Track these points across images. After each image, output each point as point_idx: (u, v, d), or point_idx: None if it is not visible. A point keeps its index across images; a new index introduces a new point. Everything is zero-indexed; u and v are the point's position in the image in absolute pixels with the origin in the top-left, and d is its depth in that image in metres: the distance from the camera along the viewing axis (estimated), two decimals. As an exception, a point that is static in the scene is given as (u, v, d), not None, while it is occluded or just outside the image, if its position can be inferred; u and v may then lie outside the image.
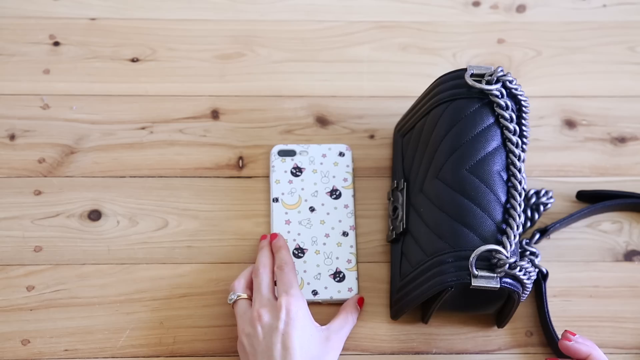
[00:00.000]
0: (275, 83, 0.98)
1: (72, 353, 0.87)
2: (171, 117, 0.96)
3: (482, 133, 0.82)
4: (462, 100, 0.83)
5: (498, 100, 0.82)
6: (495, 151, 0.82)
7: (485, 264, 0.78)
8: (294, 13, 1.02)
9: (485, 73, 0.83)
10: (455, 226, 0.80)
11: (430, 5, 1.03)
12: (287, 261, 0.85)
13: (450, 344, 0.88)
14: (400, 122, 0.93)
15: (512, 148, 0.82)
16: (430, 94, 0.86)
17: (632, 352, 0.88)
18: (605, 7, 1.03)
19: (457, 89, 0.84)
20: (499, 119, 0.83)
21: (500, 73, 0.82)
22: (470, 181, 0.81)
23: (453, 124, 0.83)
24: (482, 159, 0.81)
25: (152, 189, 0.93)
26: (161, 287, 0.89)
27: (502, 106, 0.83)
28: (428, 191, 0.83)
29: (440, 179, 0.82)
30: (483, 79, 0.83)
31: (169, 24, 1.01)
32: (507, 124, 0.82)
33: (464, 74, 0.84)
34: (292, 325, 0.79)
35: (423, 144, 0.86)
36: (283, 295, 0.81)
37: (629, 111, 0.98)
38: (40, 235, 0.91)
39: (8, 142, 0.94)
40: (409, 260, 0.85)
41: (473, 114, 0.83)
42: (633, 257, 0.92)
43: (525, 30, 1.01)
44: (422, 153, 0.86)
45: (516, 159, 0.82)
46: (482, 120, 0.82)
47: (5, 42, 0.99)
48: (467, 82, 0.83)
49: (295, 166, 0.93)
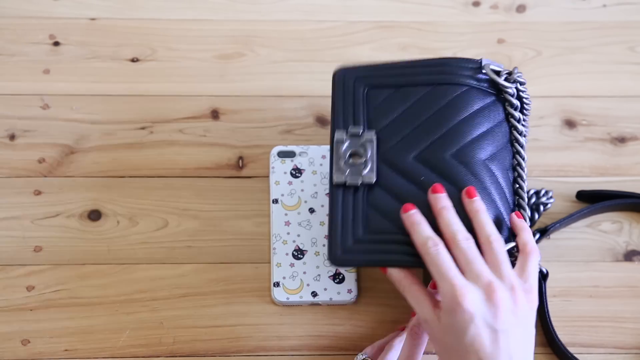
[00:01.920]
0: (275, 83, 0.98)
1: (72, 353, 0.87)
2: (171, 117, 0.96)
3: (495, 129, 0.82)
4: (475, 90, 0.83)
5: (511, 99, 0.83)
6: (504, 149, 0.82)
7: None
8: (294, 13, 1.02)
9: (500, 70, 0.83)
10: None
11: (430, 5, 1.03)
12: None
13: (450, 344, 0.88)
14: (360, 70, 0.86)
15: (519, 149, 0.82)
16: (435, 68, 0.85)
17: (632, 352, 0.88)
18: (605, 7, 1.03)
19: (467, 77, 0.83)
20: (509, 117, 0.83)
21: (519, 74, 0.83)
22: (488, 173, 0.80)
23: (467, 112, 0.82)
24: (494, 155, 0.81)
25: (152, 189, 0.93)
26: (161, 287, 0.89)
27: (513, 105, 0.83)
28: (434, 163, 0.81)
29: (457, 159, 0.80)
30: (499, 76, 0.83)
31: (169, 24, 1.01)
32: (515, 124, 0.83)
33: (480, 64, 0.83)
34: None
35: (417, 113, 0.83)
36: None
37: (629, 111, 0.98)
38: (40, 235, 0.91)
39: (8, 142, 0.95)
40: (387, 218, 0.80)
41: (488, 108, 0.82)
42: (633, 257, 0.92)
43: (525, 30, 1.01)
44: (416, 121, 0.83)
45: (522, 161, 0.82)
46: (495, 116, 0.82)
47: (5, 42, 0.99)
48: (482, 73, 0.83)
49: (295, 167, 0.93)
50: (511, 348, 0.71)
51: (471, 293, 0.71)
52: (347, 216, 0.80)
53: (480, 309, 0.70)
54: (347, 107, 0.84)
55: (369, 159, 0.82)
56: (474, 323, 0.70)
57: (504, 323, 0.71)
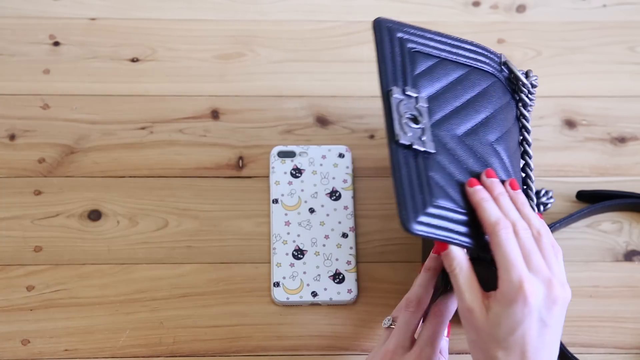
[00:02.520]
0: (275, 83, 0.98)
1: (72, 353, 0.87)
2: (171, 117, 0.96)
3: (512, 128, 0.82)
4: (500, 84, 0.83)
5: (526, 99, 0.83)
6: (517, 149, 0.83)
7: None
8: (294, 13, 1.02)
9: (515, 71, 0.83)
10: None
11: (430, 5, 1.03)
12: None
13: (450, 344, 0.87)
14: (406, 29, 0.83)
15: (527, 149, 0.83)
16: (474, 51, 0.83)
17: (632, 352, 0.88)
18: (605, 7, 1.03)
19: (496, 70, 0.83)
20: (520, 117, 0.83)
21: (535, 77, 0.83)
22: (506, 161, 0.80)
23: (497, 105, 0.82)
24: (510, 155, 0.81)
25: (152, 189, 0.93)
26: (161, 287, 0.89)
27: (527, 106, 0.83)
28: (477, 149, 0.79)
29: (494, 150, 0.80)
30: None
31: (169, 24, 1.01)
32: (525, 124, 0.83)
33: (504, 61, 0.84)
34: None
35: (458, 93, 0.81)
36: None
37: (629, 111, 0.98)
38: (40, 235, 0.91)
39: (8, 142, 0.95)
40: (445, 192, 0.75)
41: (509, 104, 0.83)
42: (633, 257, 0.92)
43: (525, 30, 1.01)
44: (457, 101, 0.81)
45: (530, 160, 0.82)
46: (512, 114, 0.83)
47: (5, 42, 0.99)
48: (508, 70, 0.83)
49: (295, 167, 0.93)
50: (553, 343, 0.71)
51: (536, 287, 0.69)
52: (412, 182, 0.74)
53: (540, 304, 0.69)
54: (396, 64, 0.81)
55: (426, 126, 0.78)
56: (531, 316, 0.69)
57: (554, 319, 0.70)
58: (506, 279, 0.69)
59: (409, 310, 0.77)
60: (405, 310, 0.77)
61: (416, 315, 0.77)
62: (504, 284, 0.70)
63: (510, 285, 0.69)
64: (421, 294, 0.78)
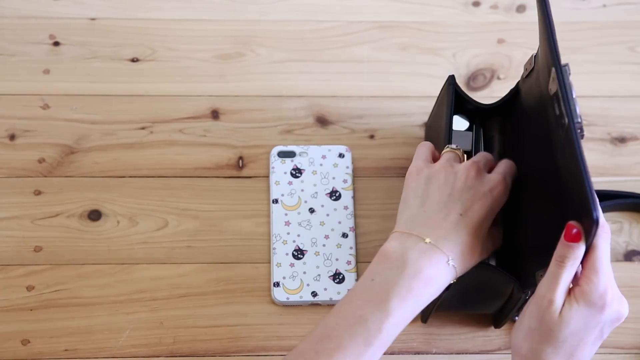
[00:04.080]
0: (275, 83, 0.98)
1: (72, 353, 0.87)
2: (171, 117, 0.96)
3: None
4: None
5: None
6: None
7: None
8: (294, 13, 1.02)
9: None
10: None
11: (430, 5, 1.03)
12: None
13: (450, 344, 0.88)
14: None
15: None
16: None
17: (632, 352, 0.88)
18: (605, 7, 1.03)
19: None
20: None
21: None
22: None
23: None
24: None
25: (152, 189, 0.93)
26: (161, 287, 0.89)
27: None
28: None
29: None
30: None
31: (169, 24, 1.01)
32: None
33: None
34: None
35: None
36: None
37: (629, 111, 0.98)
38: (40, 235, 0.91)
39: (8, 142, 0.95)
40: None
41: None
42: (633, 257, 0.92)
43: (525, 30, 1.01)
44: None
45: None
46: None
47: (5, 42, 0.99)
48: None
49: (295, 167, 0.93)
50: (592, 355, 0.72)
51: (615, 299, 0.70)
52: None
53: (609, 317, 0.70)
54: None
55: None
56: (598, 325, 0.70)
57: (607, 334, 0.72)
58: (594, 280, 0.70)
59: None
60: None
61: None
62: (589, 285, 0.70)
63: (595, 288, 0.69)
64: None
